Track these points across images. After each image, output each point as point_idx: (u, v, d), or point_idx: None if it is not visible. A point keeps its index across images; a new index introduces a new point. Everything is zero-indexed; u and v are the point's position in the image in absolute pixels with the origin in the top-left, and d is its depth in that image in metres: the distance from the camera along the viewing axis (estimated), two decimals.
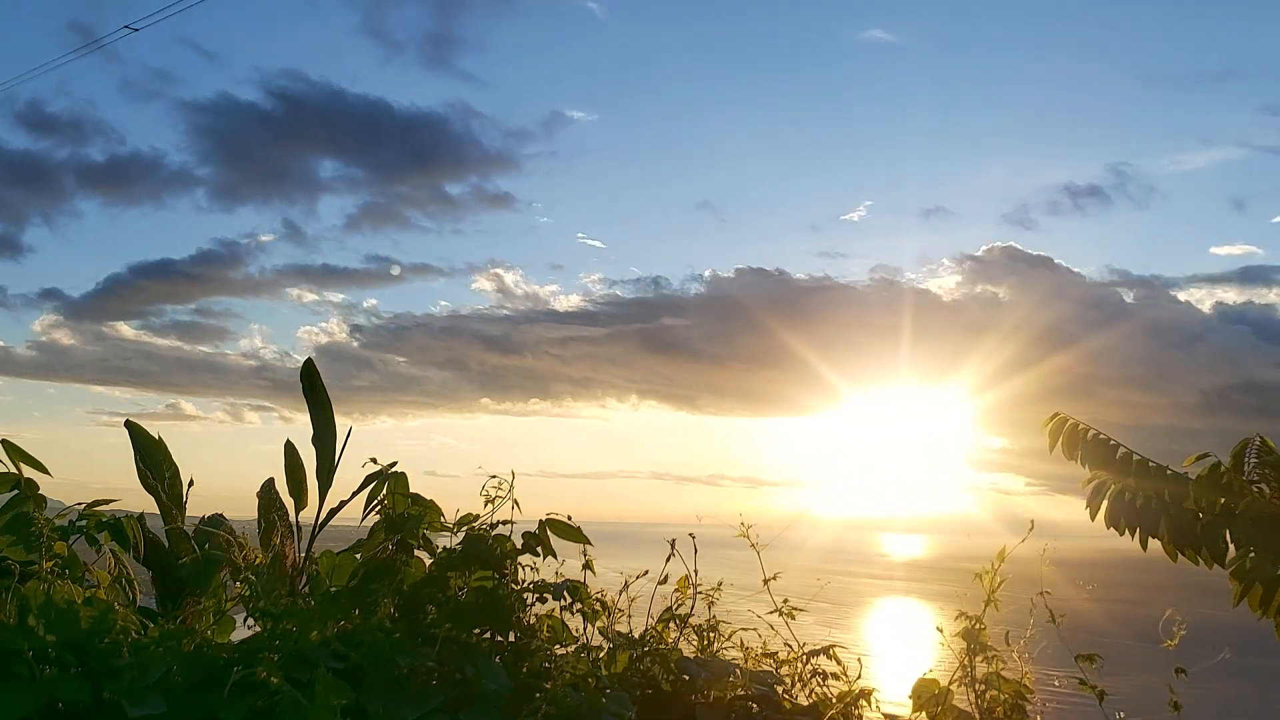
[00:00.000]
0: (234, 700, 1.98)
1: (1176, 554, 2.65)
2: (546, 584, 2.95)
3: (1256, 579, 2.55)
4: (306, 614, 2.38)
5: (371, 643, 2.29)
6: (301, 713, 1.92)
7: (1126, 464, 2.67)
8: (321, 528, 3.48)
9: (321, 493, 3.54)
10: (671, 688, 2.66)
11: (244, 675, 1.98)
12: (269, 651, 2.15)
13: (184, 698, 2.03)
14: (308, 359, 3.73)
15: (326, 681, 1.97)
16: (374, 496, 3.08)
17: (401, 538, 2.82)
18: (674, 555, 3.04)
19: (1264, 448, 2.59)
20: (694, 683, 2.63)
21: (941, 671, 2.65)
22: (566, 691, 2.25)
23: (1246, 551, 2.58)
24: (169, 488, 3.45)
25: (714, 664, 2.75)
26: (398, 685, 2.23)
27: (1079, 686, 2.54)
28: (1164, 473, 2.66)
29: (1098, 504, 2.70)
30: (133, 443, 3.51)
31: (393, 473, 3.04)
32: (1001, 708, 2.52)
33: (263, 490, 3.53)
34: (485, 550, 2.72)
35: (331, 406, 3.66)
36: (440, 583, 2.67)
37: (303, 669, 2.05)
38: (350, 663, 2.19)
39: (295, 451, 3.57)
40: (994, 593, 2.51)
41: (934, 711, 2.46)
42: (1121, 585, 48.59)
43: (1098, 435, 2.74)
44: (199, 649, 2.29)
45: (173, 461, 3.50)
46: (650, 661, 2.76)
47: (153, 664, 2.05)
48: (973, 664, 2.51)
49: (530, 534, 2.85)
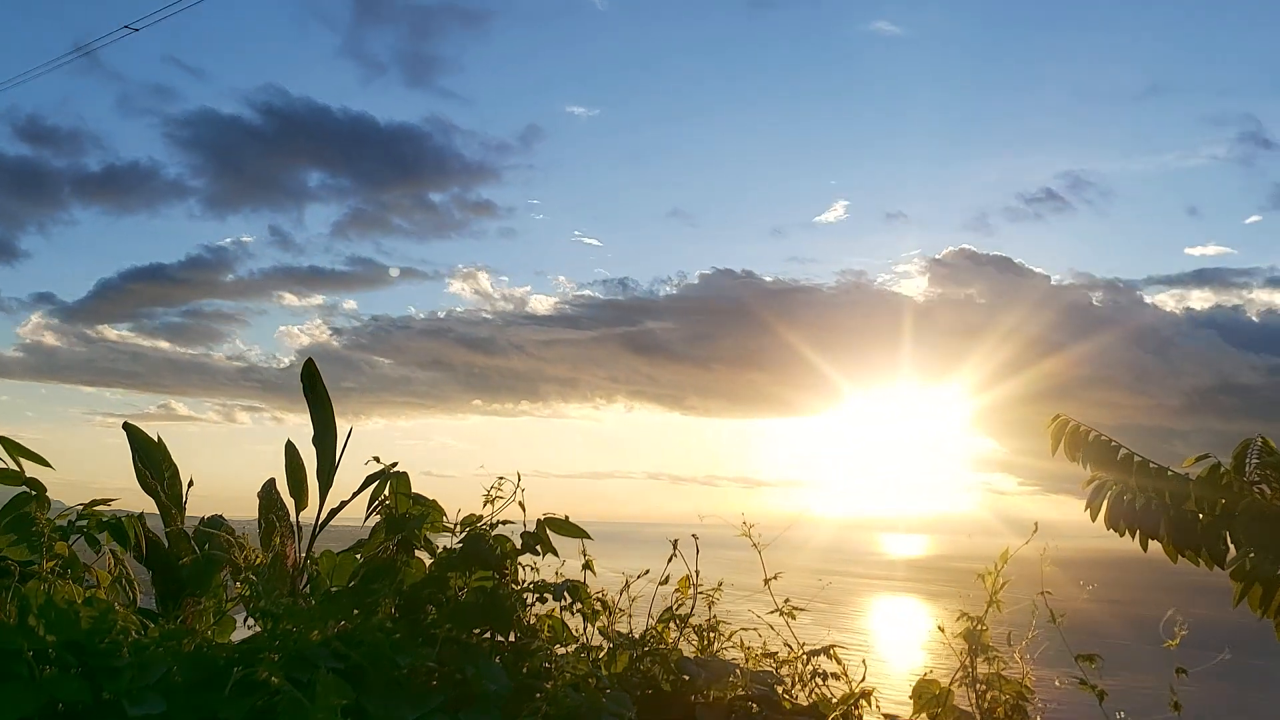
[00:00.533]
0: (234, 700, 1.98)
1: (1177, 555, 2.65)
2: (546, 584, 2.95)
3: (1257, 579, 2.55)
4: (307, 614, 2.38)
5: (372, 643, 2.29)
6: (302, 713, 1.92)
7: (1127, 465, 2.67)
8: (322, 528, 3.48)
9: (322, 493, 3.54)
10: (671, 688, 2.66)
11: (244, 675, 1.98)
12: (269, 651, 2.14)
13: (184, 698, 2.03)
14: (308, 359, 3.72)
15: (327, 681, 1.97)
16: (375, 496, 3.08)
17: (402, 538, 2.82)
18: (676, 555, 3.04)
19: (1265, 448, 2.59)
20: (694, 683, 2.63)
21: (942, 672, 2.64)
22: (566, 691, 2.25)
23: (1247, 552, 2.58)
24: (168, 488, 3.45)
25: (714, 664, 2.75)
26: (398, 685, 2.23)
27: (1079, 687, 2.54)
28: (1164, 474, 2.66)
29: (1098, 505, 2.70)
30: (131, 444, 3.50)
31: (394, 473, 3.04)
32: (1002, 708, 2.52)
33: (263, 490, 3.53)
34: (485, 550, 2.72)
35: (332, 406, 3.65)
36: (440, 583, 2.67)
37: (303, 669, 2.05)
38: (350, 663, 2.19)
39: (296, 451, 3.57)
40: (996, 594, 2.50)
41: (935, 712, 2.45)
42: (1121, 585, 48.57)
43: (1099, 436, 2.74)
44: (199, 649, 2.29)
45: (172, 462, 3.50)
46: (650, 661, 2.75)
47: (153, 664, 2.05)
48: (974, 665, 2.50)
49: (529, 534, 2.85)
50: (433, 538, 2.89)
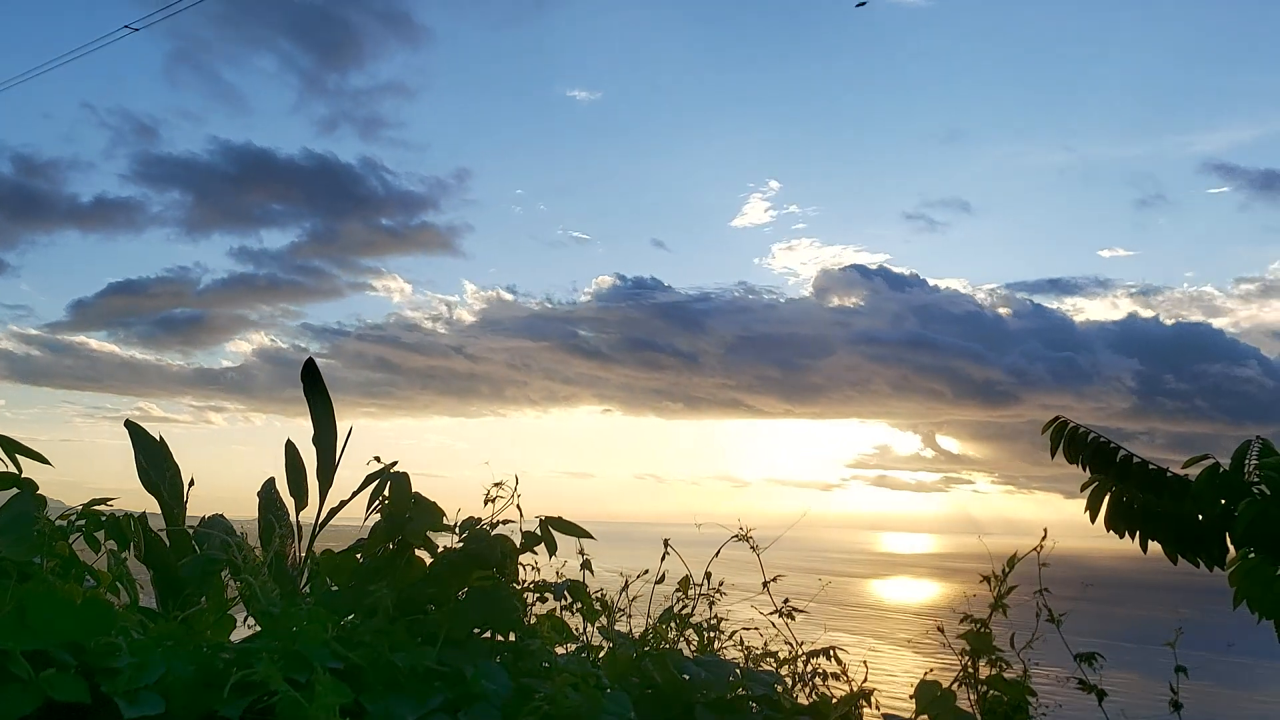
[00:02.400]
0: (234, 700, 1.98)
1: (1177, 556, 2.65)
2: (546, 584, 2.95)
3: (1256, 580, 2.55)
4: (307, 614, 2.37)
5: (371, 643, 2.28)
6: (301, 713, 1.92)
7: (1127, 466, 2.67)
8: (322, 527, 3.48)
9: (322, 492, 3.54)
10: (671, 688, 2.66)
11: (244, 675, 1.98)
12: (269, 651, 2.14)
13: (184, 697, 2.03)
14: (308, 358, 3.72)
15: (326, 682, 1.97)
16: (375, 496, 3.08)
17: (402, 538, 2.82)
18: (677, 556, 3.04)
19: (1265, 449, 2.59)
20: (694, 683, 2.63)
21: (942, 672, 2.64)
22: (566, 691, 2.25)
23: (1246, 553, 2.58)
24: (169, 487, 3.45)
25: (714, 664, 2.74)
26: (397, 685, 2.23)
27: (1079, 687, 2.54)
28: (1164, 475, 2.66)
29: (1098, 506, 2.70)
30: (133, 442, 3.50)
31: (394, 472, 3.03)
32: (1003, 709, 2.52)
33: (263, 490, 3.53)
34: (485, 550, 2.71)
35: (332, 405, 3.65)
36: (440, 583, 2.66)
37: (302, 669, 2.05)
38: (350, 663, 2.19)
39: (296, 451, 3.57)
40: (1002, 599, 2.49)
41: (936, 713, 2.45)
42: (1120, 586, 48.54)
43: (1098, 438, 2.74)
44: (199, 649, 2.29)
45: (173, 461, 3.49)
46: (650, 661, 2.75)
47: (152, 664, 2.04)
48: (976, 666, 2.50)
49: (530, 533, 2.84)
50: (433, 537, 2.89)
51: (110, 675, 1.98)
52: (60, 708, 1.92)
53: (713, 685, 2.57)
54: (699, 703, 2.53)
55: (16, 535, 2.36)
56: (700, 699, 2.54)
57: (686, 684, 2.57)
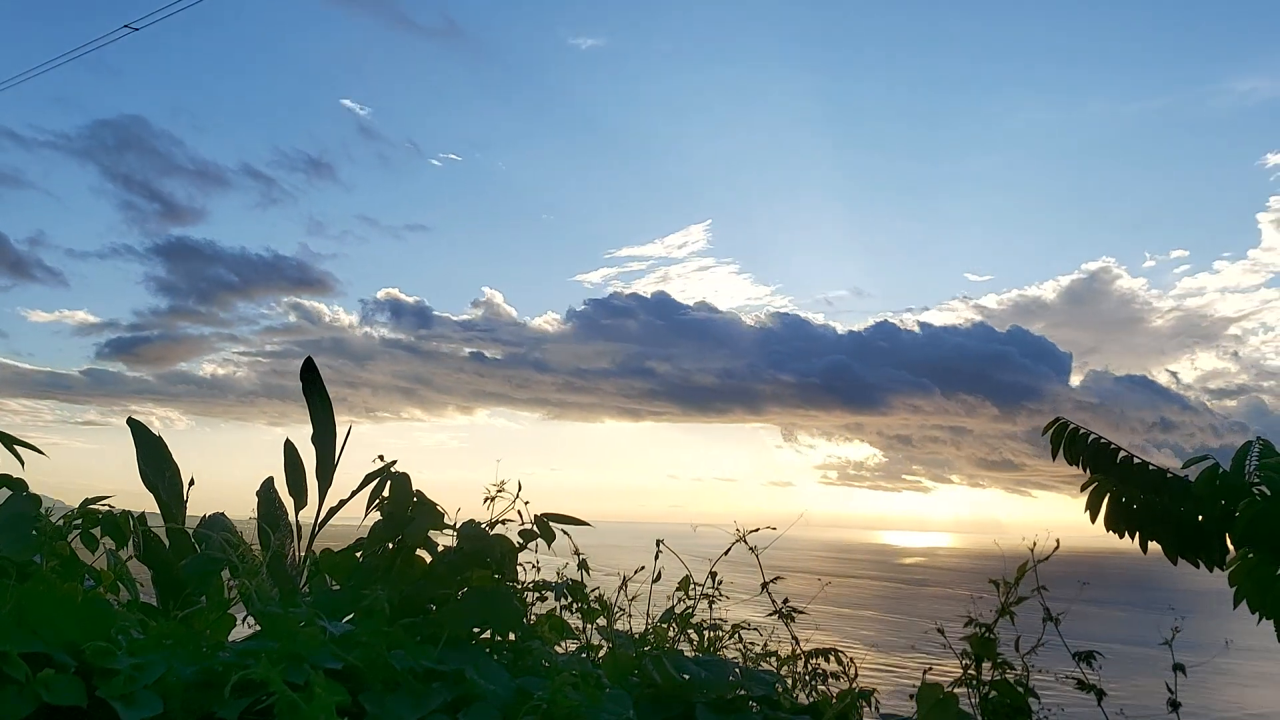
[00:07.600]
0: (233, 700, 1.98)
1: (1177, 557, 2.65)
2: (546, 583, 2.95)
3: (1256, 581, 2.55)
4: (306, 614, 2.37)
5: (370, 643, 2.28)
6: (299, 713, 1.91)
7: (1127, 467, 2.67)
8: (321, 527, 3.48)
9: (321, 492, 3.54)
10: (671, 688, 2.66)
11: (243, 675, 1.97)
12: (268, 652, 2.14)
13: (182, 698, 2.02)
14: (308, 357, 3.72)
15: (324, 682, 1.97)
16: (375, 495, 3.08)
17: (402, 537, 2.82)
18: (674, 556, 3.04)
19: (1265, 450, 2.59)
20: (694, 683, 2.63)
21: (941, 673, 2.64)
22: (566, 691, 2.24)
23: (1246, 553, 2.57)
24: (169, 486, 3.45)
25: (714, 664, 2.74)
26: (397, 685, 2.22)
27: (1077, 687, 2.54)
28: (1163, 475, 2.66)
29: (1098, 506, 2.70)
30: (135, 440, 3.49)
31: (394, 472, 3.03)
32: (1005, 710, 2.51)
33: (262, 489, 3.53)
34: (485, 549, 2.71)
35: (331, 405, 3.65)
36: (440, 582, 2.66)
37: (301, 669, 2.04)
38: (349, 663, 2.18)
39: (295, 450, 3.56)
40: (1009, 606, 2.46)
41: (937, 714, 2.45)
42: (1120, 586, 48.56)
43: (1098, 440, 2.74)
44: (198, 649, 2.28)
45: (173, 460, 3.49)
46: (650, 661, 2.75)
47: (151, 665, 2.04)
48: (979, 669, 2.49)
49: (527, 530, 2.84)
50: (433, 536, 2.89)
51: (108, 677, 1.97)
52: (60, 708, 1.91)
53: (713, 685, 2.57)
54: (699, 703, 2.53)
55: (15, 535, 2.35)
56: (700, 699, 2.54)
57: (686, 684, 2.57)
